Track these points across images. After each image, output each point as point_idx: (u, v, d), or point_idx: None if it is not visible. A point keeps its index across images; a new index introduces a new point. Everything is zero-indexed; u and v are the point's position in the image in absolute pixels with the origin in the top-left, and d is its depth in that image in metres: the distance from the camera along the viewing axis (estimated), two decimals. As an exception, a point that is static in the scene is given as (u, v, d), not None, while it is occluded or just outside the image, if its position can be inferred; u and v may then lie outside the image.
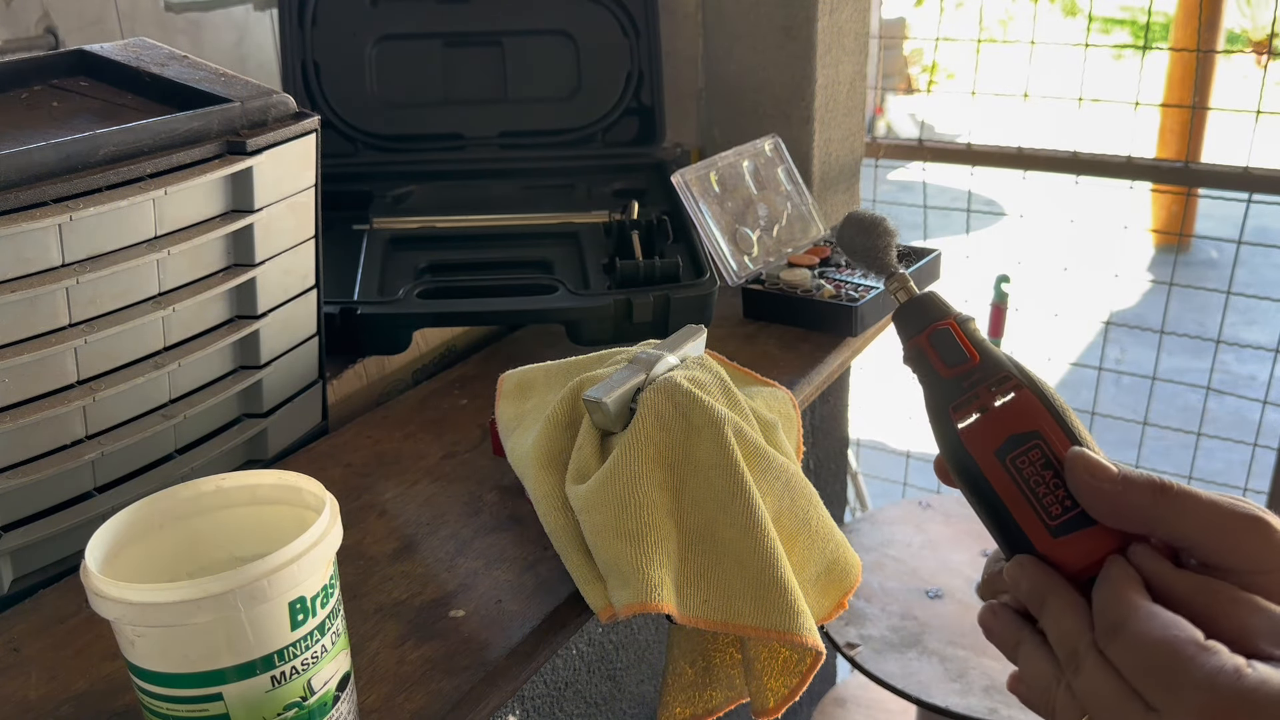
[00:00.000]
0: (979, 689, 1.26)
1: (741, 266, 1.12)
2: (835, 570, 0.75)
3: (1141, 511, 0.44)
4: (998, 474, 0.46)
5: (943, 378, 0.48)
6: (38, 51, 0.96)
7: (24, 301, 0.65)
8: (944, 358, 0.49)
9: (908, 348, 0.51)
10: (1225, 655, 0.40)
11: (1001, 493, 0.46)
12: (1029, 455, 0.45)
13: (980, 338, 0.49)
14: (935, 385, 0.49)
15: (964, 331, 0.49)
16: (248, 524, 0.58)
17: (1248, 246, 1.73)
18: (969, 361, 0.48)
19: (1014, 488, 0.45)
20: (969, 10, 5.53)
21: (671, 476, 0.69)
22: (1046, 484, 0.45)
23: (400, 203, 1.24)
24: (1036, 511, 0.45)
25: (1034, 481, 0.45)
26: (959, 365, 0.48)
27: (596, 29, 1.32)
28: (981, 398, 0.47)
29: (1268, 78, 2.00)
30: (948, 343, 0.49)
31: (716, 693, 0.80)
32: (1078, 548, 0.44)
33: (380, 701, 0.61)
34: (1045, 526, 0.45)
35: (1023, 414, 0.46)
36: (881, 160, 1.82)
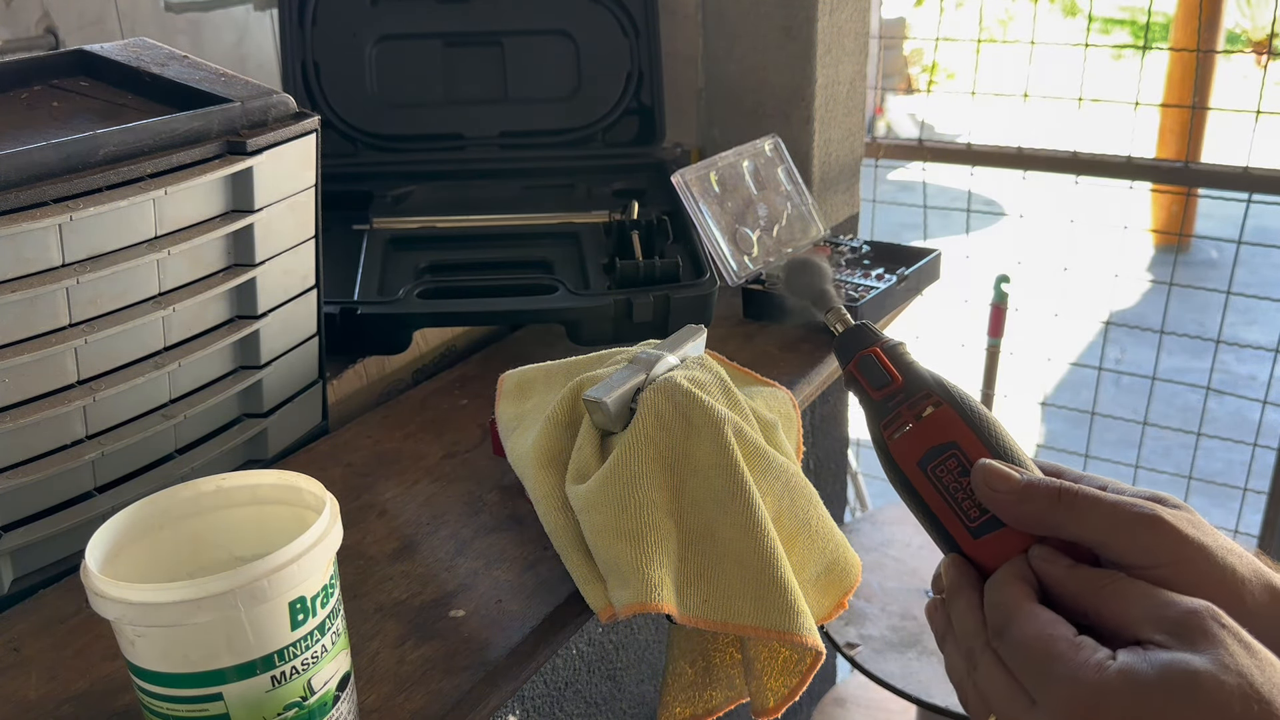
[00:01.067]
0: (979, 689, 1.26)
1: (741, 266, 1.12)
2: (835, 570, 0.75)
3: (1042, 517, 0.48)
4: (922, 483, 0.51)
5: (873, 399, 0.54)
6: (38, 51, 0.96)
7: (24, 301, 0.65)
8: (872, 381, 0.54)
9: (844, 374, 0.57)
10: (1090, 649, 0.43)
11: (928, 500, 0.50)
12: (947, 464, 0.50)
13: (907, 361, 0.54)
14: (868, 406, 0.55)
15: (889, 356, 0.54)
16: (248, 524, 0.58)
17: (1248, 246, 1.73)
18: (893, 383, 0.53)
19: (937, 495, 0.50)
20: (969, 10, 5.53)
21: (671, 476, 0.70)
22: (964, 490, 0.50)
23: (400, 203, 1.24)
24: (958, 516, 0.50)
25: (953, 488, 0.50)
26: (885, 387, 0.54)
27: (596, 29, 1.32)
28: (904, 415, 0.52)
29: (1268, 78, 2.00)
30: (874, 368, 0.54)
31: (716, 692, 0.80)
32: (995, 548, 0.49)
33: (380, 701, 0.61)
34: (966, 529, 0.50)
35: (941, 427, 0.51)
36: (881, 160, 1.82)
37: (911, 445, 0.51)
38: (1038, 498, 0.48)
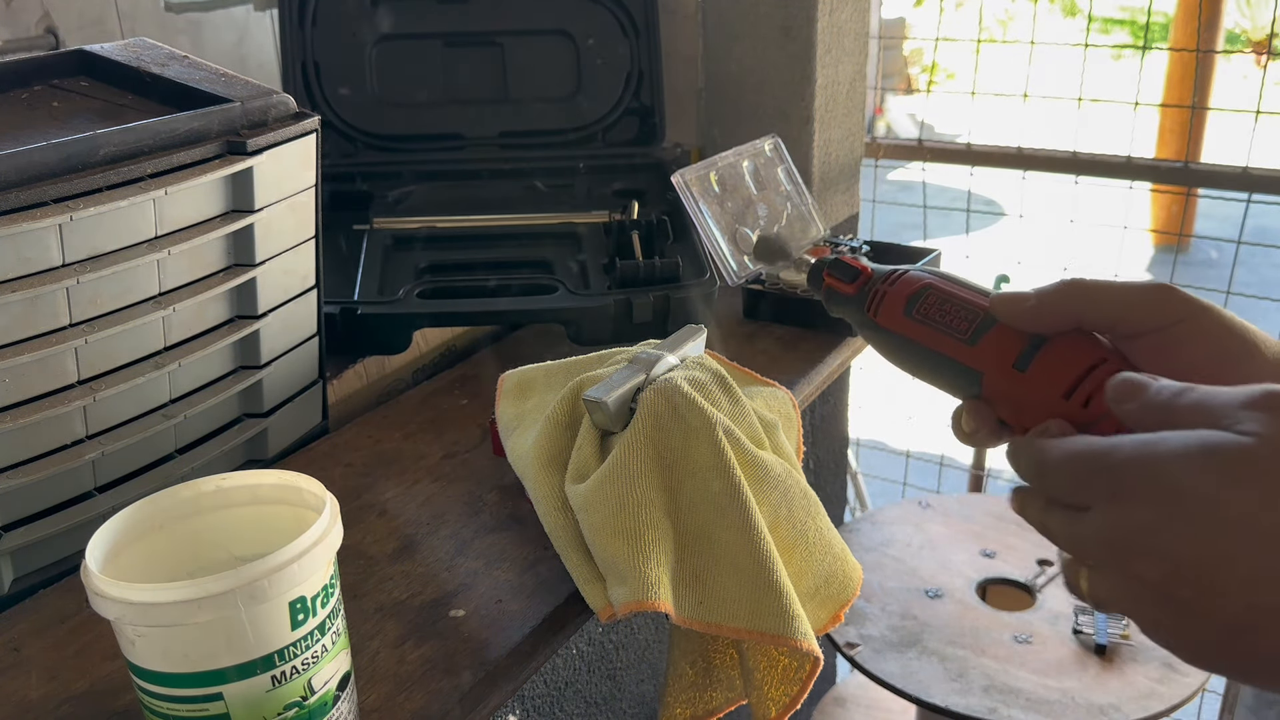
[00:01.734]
0: (979, 689, 1.26)
1: (741, 266, 1.12)
2: (833, 584, 0.75)
3: (1063, 311, 0.50)
4: (912, 328, 0.55)
5: (851, 295, 0.59)
6: (38, 51, 0.96)
7: (24, 301, 0.65)
8: (844, 277, 0.59)
9: (823, 295, 0.61)
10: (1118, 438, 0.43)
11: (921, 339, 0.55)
12: (927, 301, 0.55)
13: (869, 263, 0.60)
14: (849, 303, 0.59)
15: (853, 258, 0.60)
16: (248, 524, 0.58)
17: (1247, 246, 1.72)
18: (862, 274, 0.59)
19: (927, 329, 0.55)
20: (969, 10, 5.53)
21: (669, 477, 0.69)
22: (947, 314, 0.54)
23: (400, 203, 1.24)
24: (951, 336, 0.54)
25: (938, 316, 0.54)
26: (856, 279, 0.59)
27: (596, 29, 1.32)
28: (879, 289, 0.57)
29: (1267, 78, 2.00)
30: (842, 266, 0.60)
31: (717, 694, 0.80)
32: (994, 346, 0.52)
33: (380, 701, 0.61)
34: (962, 342, 0.53)
35: (911, 283, 0.56)
36: (881, 160, 1.82)
37: (892, 305, 0.56)
38: (1049, 296, 0.50)
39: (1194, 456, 0.39)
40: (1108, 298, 0.49)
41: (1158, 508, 0.39)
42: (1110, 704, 1.23)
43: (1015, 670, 1.29)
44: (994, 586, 1.46)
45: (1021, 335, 0.51)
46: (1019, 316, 0.51)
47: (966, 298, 0.54)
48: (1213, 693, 1.66)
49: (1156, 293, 0.49)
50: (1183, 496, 0.39)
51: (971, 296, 0.54)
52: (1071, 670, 1.29)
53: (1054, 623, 1.37)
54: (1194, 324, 0.48)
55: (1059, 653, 1.32)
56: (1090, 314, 0.50)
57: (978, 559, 1.50)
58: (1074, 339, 0.50)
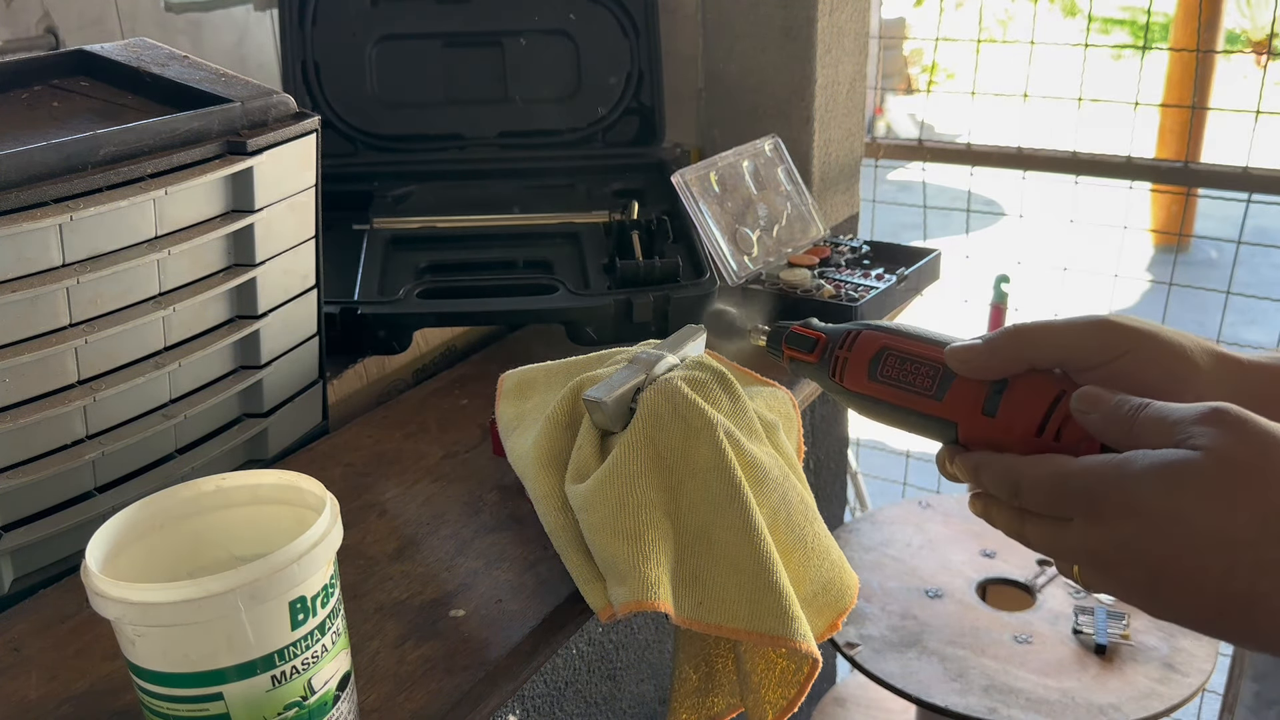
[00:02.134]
0: (979, 688, 1.26)
1: (741, 266, 1.12)
2: (831, 591, 0.74)
3: (1013, 357, 0.53)
4: (879, 390, 0.58)
5: (814, 363, 0.62)
6: (38, 51, 0.96)
7: (24, 301, 0.65)
8: (804, 349, 0.62)
9: (788, 365, 0.64)
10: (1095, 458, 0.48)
11: (891, 399, 0.58)
12: (888, 364, 0.58)
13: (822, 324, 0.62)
14: (814, 371, 0.62)
15: (806, 327, 0.63)
16: (248, 524, 0.58)
17: (1247, 246, 1.72)
18: (819, 340, 0.61)
19: (894, 389, 0.57)
20: (969, 10, 5.53)
21: (669, 477, 0.69)
22: (909, 373, 0.57)
23: (400, 203, 1.24)
24: (917, 393, 0.57)
25: (901, 377, 0.57)
26: (815, 347, 0.61)
27: (596, 29, 1.32)
28: (839, 355, 0.60)
29: (1267, 78, 2.00)
30: (799, 339, 0.62)
31: (719, 699, 0.80)
32: (958, 398, 0.55)
33: (380, 701, 0.61)
34: (928, 398, 0.56)
35: (868, 346, 0.59)
36: (881, 160, 1.82)
37: (855, 369, 0.59)
38: (1000, 346, 0.53)
39: (1160, 477, 0.45)
40: (1052, 339, 0.52)
41: (1134, 524, 0.45)
42: (1110, 704, 1.23)
43: (1015, 670, 1.29)
44: (994, 586, 1.46)
45: (983, 382, 0.54)
46: (974, 370, 0.54)
47: (924, 353, 0.57)
48: (1213, 693, 1.66)
49: (1097, 330, 0.52)
50: (1154, 514, 0.45)
51: (928, 351, 0.56)
52: (1071, 670, 1.29)
53: (1054, 623, 1.37)
54: (1138, 355, 0.51)
55: (1059, 653, 1.32)
56: (1039, 357, 0.53)
57: (978, 559, 1.50)
58: (1032, 379, 0.53)
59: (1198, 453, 0.44)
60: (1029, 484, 0.50)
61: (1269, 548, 0.43)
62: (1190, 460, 0.44)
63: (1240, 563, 0.43)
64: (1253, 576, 0.43)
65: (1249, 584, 0.43)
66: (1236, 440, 0.44)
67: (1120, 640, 1.31)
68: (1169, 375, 0.50)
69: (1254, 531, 0.43)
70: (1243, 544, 0.43)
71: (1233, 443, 0.44)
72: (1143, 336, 0.51)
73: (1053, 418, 0.52)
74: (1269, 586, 0.43)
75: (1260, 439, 0.44)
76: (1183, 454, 0.45)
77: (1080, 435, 0.51)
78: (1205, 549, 0.44)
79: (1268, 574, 0.43)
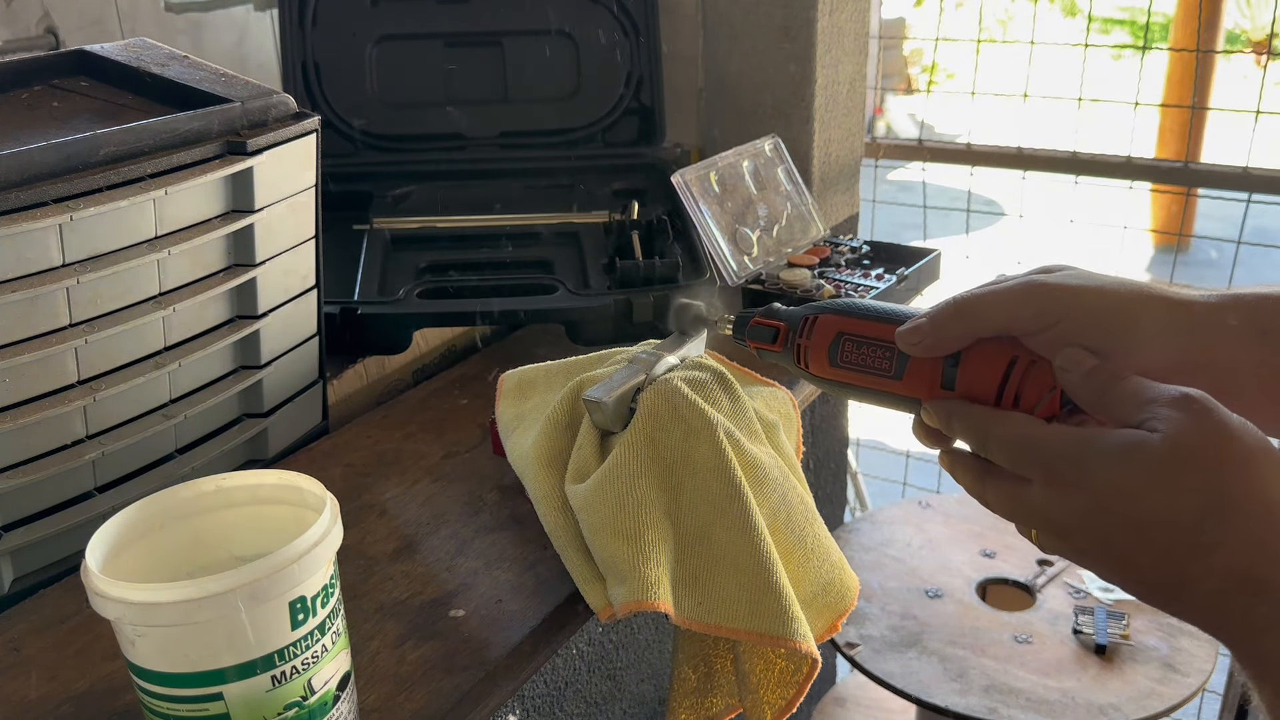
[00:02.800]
0: (979, 688, 1.26)
1: (741, 266, 1.12)
2: (831, 592, 0.74)
3: (956, 334, 0.54)
4: (843, 374, 0.59)
5: (779, 352, 0.62)
6: (38, 51, 0.96)
7: (24, 301, 0.65)
8: (767, 339, 0.62)
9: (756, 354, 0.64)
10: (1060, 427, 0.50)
11: (855, 382, 0.58)
12: (845, 349, 0.58)
13: (782, 310, 0.62)
14: (780, 358, 0.62)
15: (766, 316, 0.63)
16: (248, 524, 0.58)
17: (1247, 246, 1.72)
18: (780, 330, 0.62)
19: (856, 373, 0.58)
20: (969, 10, 5.52)
21: (669, 477, 0.69)
22: (867, 357, 0.58)
23: (400, 203, 1.24)
24: (878, 375, 0.57)
25: (860, 361, 0.58)
26: (777, 336, 0.62)
27: (596, 29, 1.32)
28: (801, 343, 0.60)
29: (1267, 78, 2.00)
30: (760, 330, 0.63)
31: (718, 699, 0.80)
32: (916, 376, 0.56)
33: (380, 701, 0.61)
34: (888, 378, 0.57)
35: (825, 331, 0.59)
36: (881, 160, 1.82)
37: (817, 356, 0.59)
38: (944, 322, 0.54)
39: (1116, 456, 0.47)
40: (991, 309, 0.53)
41: (1087, 496, 0.47)
42: (1110, 704, 1.23)
43: (1015, 670, 1.29)
44: (994, 586, 1.46)
45: (937, 359, 0.55)
46: (923, 350, 0.55)
47: (878, 334, 0.57)
48: (1213, 693, 1.65)
49: (1030, 297, 0.52)
50: (1106, 489, 0.47)
51: (881, 332, 0.57)
52: (1071, 670, 1.29)
53: (1054, 623, 1.37)
54: (1074, 319, 0.52)
55: (1059, 653, 1.32)
56: (983, 327, 0.53)
57: (978, 559, 1.50)
58: (983, 349, 0.54)
59: (1156, 435, 0.46)
60: (996, 440, 0.51)
61: (1204, 533, 0.45)
62: (1146, 441, 0.46)
63: (1177, 544, 0.45)
64: (1186, 559, 0.45)
65: (1181, 565, 0.46)
66: (1194, 426, 0.46)
67: (1120, 640, 1.31)
68: (1107, 334, 0.51)
69: (1192, 517, 0.45)
70: (1181, 527, 0.45)
71: (1190, 428, 0.46)
72: (1076, 299, 0.52)
73: (1009, 384, 0.53)
74: (1199, 570, 0.45)
75: (1217, 429, 0.46)
76: (1141, 436, 0.46)
77: (1038, 397, 0.52)
78: (1147, 527, 0.46)
79: (1199, 558, 0.45)
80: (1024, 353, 0.53)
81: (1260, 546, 0.44)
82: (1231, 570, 0.45)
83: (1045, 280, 0.53)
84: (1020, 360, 0.53)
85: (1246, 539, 0.44)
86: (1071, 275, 0.54)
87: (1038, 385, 0.53)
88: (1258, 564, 0.44)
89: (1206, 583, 0.45)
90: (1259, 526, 0.45)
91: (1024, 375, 0.53)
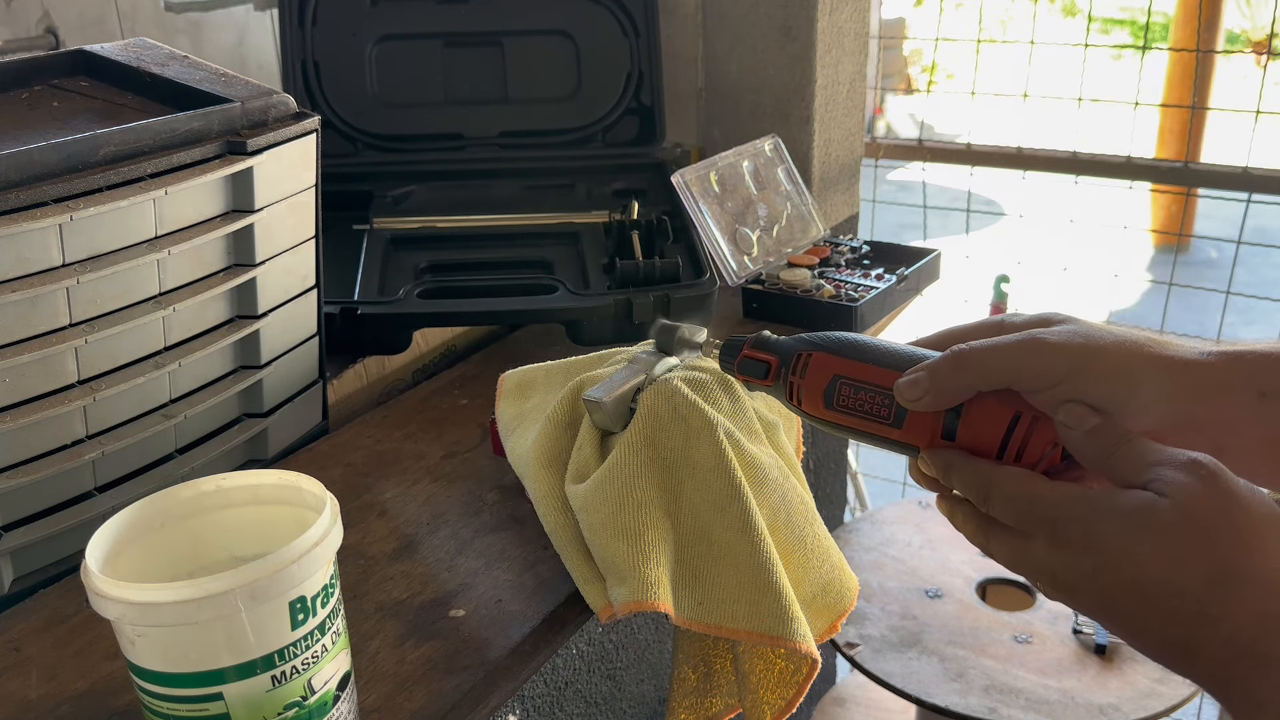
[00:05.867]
0: (979, 688, 1.26)
1: (741, 266, 1.12)
2: (831, 592, 0.74)
3: (957, 389, 0.53)
4: (838, 417, 0.57)
5: (770, 386, 0.60)
6: (38, 51, 0.96)
7: (24, 301, 0.65)
8: (758, 374, 0.60)
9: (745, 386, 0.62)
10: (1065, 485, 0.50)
11: (852, 425, 0.56)
12: (843, 393, 0.56)
13: (774, 342, 0.60)
14: (772, 392, 0.60)
15: (757, 347, 0.60)
16: (248, 524, 0.58)
17: (1247, 246, 1.73)
18: (771, 365, 0.59)
19: (853, 418, 0.56)
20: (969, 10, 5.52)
21: (669, 478, 0.69)
22: (866, 402, 0.56)
23: (400, 203, 1.24)
24: (877, 421, 0.55)
25: (857, 406, 0.56)
26: (769, 372, 0.59)
27: (596, 29, 1.32)
28: (794, 381, 0.58)
29: (1267, 78, 2.00)
30: (751, 365, 0.60)
31: (717, 699, 0.80)
32: (917, 426, 0.54)
33: (380, 701, 0.61)
34: (888, 426, 0.55)
35: (819, 371, 0.57)
36: (881, 160, 1.82)
37: (811, 398, 0.57)
38: (944, 377, 0.52)
39: (1123, 519, 0.46)
40: (994, 364, 0.52)
41: (1092, 558, 0.47)
42: (1110, 704, 1.23)
43: (1015, 670, 1.29)
44: (994, 586, 1.46)
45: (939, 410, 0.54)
46: (923, 406, 0.53)
47: (876, 382, 0.55)
48: (1213, 693, 1.65)
49: (1034, 355, 0.51)
50: (1112, 552, 0.47)
51: (880, 378, 0.55)
52: (1071, 670, 1.29)
53: (1054, 623, 1.37)
54: (1080, 378, 0.51)
55: (1059, 653, 1.32)
56: (984, 382, 0.52)
57: (978, 559, 1.50)
58: (985, 403, 0.53)
59: (1163, 499, 0.46)
60: (999, 497, 0.51)
61: (1209, 603, 0.45)
62: (1154, 506, 0.46)
63: (1182, 612, 0.45)
64: (1191, 627, 0.45)
65: (1186, 632, 0.46)
66: (1203, 493, 0.45)
67: (1120, 640, 1.31)
68: (1110, 396, 0.50)
69: (1198, 585, 0.45)
70: (1187, 596, 0.45)
71: (1199, 495, 0.45)
72: (1079, 359, 0.51)
73: (1012, 439, 0.52)
74: (1203, 638, 0.45)
75: (1225, 496, 0.46)
76: (1149, 499, 0.46)
77: (1041, 452, 0.52)
78: (1153, 594, 0.46)
79: (1203, 627, 0.45)
80: (1026, 408, 0.52)
81: (1265, 621, 0.44)
82: (1235, 642, 0.44)
83: (1047, 338, 0.52)
84: (1024, 417, 0.52)
85: (1252, 612, 0.44)
86: (1073, 332, 0.52)
87: (1041, 441, 0.52)
88: (1261, 638, 0.44)
89: (1210, 651, 0.45)
90: (1265, 600, 0.44)
91: (1028, 431, 0.52)
